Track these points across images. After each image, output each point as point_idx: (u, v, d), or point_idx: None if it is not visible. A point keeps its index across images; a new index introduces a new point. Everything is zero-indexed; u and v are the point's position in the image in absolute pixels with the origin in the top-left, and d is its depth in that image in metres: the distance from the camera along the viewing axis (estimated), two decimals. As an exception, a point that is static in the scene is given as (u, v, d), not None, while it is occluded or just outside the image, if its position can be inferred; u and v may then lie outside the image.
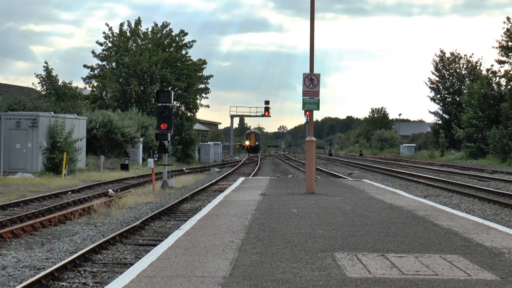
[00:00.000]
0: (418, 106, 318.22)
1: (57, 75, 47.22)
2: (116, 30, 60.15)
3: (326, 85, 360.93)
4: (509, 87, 63.81)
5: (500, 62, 64.97)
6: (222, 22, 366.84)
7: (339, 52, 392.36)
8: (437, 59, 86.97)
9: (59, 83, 46.69)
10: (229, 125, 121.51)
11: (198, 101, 63.19)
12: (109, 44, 59.39)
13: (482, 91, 66.50)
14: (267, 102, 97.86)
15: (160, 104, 27.94)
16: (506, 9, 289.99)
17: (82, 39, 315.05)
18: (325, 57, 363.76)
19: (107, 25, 62.28)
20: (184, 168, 46.39)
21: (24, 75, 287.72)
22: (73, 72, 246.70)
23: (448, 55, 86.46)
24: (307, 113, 28.08)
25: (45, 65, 46.92)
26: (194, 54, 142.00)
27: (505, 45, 63.28)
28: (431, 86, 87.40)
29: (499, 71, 66.53)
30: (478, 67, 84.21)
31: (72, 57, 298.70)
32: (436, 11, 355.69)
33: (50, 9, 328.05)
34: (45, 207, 19.11)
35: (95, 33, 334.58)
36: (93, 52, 58.77)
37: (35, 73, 48.02)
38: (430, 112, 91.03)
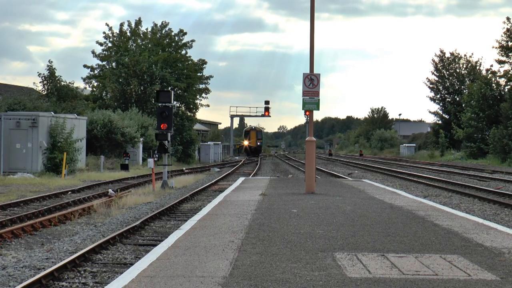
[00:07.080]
0: (418, 106, 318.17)
1: (60, 76, 47.46)
2: (116, 30, 60.30)
3: (323, 85, 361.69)
4: (509, 87, 63.79)
5: (500, 62, 65.00)
6: (217, 22, 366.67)
7: (335, 52, 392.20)
8: (437, 59, 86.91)
9: (62, 83, 46.80)
10: (229, 125, 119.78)
11: (198, 101, 63.27)
12: (109, 44, 59.43)
13: (481, 91, 66.49)
14: (267, 102, 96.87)
15: (160, 104, 27.95)
16: (500, 9, 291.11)
17: (78, 39, 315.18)
18: (321, 57, 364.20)
19: (107, 25, 62.37)
20: (184, 168, 46.39)
21: (21, 75, 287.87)
22: (69, 72, 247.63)
23: (448, 55, 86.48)
24: (307, 113, 28.09)
25: (49, 64, 47.09)
26: (190, 54, 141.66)
27: (505, 45, 63.31)
28: (431, 86, 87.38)
29: (499, 71, 66.61)
30: (478, 67, 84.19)
31: (68, 57, 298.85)
32: (430, 11, 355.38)
33: (44, 9, 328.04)
34: (45, 207, 19.11)
35: (91, 33, 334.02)
36: (93, 52, 58.87)
37: (38, 72, 48.24)
38: (430, 112, 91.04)
